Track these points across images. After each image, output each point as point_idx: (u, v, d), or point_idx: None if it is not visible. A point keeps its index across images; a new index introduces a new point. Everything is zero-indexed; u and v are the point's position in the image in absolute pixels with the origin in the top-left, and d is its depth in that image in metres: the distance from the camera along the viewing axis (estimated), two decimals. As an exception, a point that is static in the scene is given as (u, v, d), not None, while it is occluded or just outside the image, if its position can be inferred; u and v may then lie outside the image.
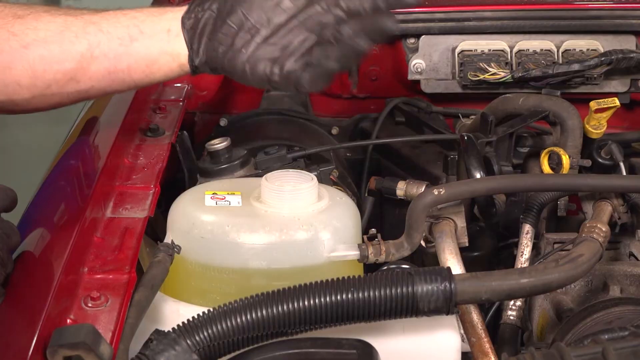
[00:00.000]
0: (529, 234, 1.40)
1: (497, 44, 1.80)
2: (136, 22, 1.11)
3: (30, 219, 1.20)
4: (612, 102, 1.48)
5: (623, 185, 1.33)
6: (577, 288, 1.38)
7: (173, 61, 1.12)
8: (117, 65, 1.11)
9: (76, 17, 1.11)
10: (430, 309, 1.03)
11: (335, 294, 1.01)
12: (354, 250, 1.23)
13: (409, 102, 1.92)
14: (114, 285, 1.04)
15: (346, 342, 1.02)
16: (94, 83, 1.12)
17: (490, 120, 1.52)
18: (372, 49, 1.08)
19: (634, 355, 0.92)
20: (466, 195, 1.27)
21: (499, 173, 1.45)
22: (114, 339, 0.96)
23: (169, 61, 1.12)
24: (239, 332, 0.99)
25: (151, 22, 1.11)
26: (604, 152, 1.49)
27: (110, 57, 1.10)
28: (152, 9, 1.14)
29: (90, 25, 1.10)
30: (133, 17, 1.12)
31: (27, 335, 0.91)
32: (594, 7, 1.83)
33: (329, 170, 1.53)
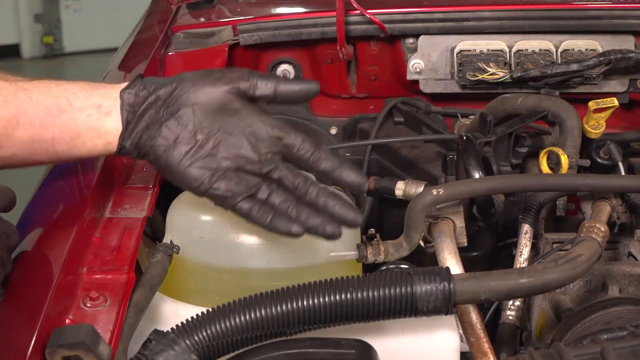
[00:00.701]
0: (528, 234, 1.41)
1: (496, 44, 1.80)
2: (66, 94, 1.09)
3: (29, 219, 1.20)
4: (611, 102, 1.48)
5: (622, 185, 1.33)
6: (576, 288, 1.38)
7: (99, 137, 1.09)
8: (42, 135, 1.08)
9: (10, 82, 1.09)
10: (429, 309, 1.03)
11: (334, 294, 1.01)
12: (353, 250, 1.23)
13: (408, 102, 1.92)
14: (112, 286, 1.04)
15: (345, 342, 1.02)
16: (16, 150, 1.08)
17: (489, 120, 1.52)
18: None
19: (633, 355, 0.92)
20: (465, 195, 1.27)
21: (498, 173, 1.45)
22: (113, 339, 0.96)
23: (94, 137, 1.09)
24: (238, 332, 0.99)
25: (82, 95, 1.09)
26: (603, 152, 1.49)
27: (35, 125, 1.07)
28: (86, 83, 1.11)
29: (21, 92, 1.08)
30: (64, 89, 1.09)
31: (26, 335, 0.91)
32: (593, 7, 1.83)
33: (328, 170, 1.53)
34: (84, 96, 1.09)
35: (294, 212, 1.08)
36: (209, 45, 1.78)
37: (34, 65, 7.47)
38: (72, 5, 7.69)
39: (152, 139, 1.08)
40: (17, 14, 7.50)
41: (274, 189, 1.09)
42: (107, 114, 1.09)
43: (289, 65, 1.95)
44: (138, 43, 1.92)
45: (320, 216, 1.08)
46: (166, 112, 1.09)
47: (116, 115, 1.09)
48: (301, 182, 1.09)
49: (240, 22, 1.83)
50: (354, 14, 1.80)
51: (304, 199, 1.09)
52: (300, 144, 1.09)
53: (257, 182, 1.09)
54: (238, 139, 1.08)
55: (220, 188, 1.08)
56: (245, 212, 1.08)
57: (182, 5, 2.03)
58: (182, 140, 1.08)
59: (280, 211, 1.08)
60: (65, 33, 7.67)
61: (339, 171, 1.10)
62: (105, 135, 1.09)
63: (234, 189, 1.08)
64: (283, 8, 1.96)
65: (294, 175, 1.10)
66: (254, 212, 1.08)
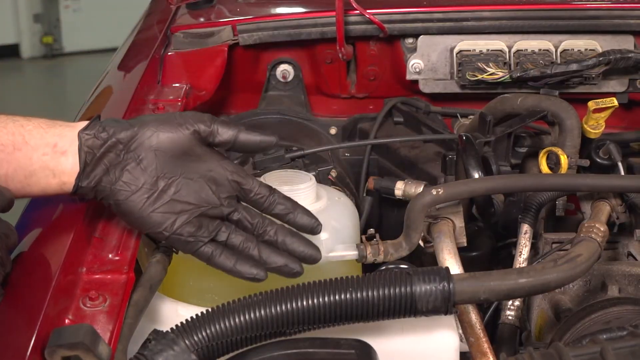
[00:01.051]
0: (527, 234, 1.41)
1: (495, 44, 1.80)
2: (22, 131, 1.07)
3: (28, 219, 1.19)
4: (610, 102, 1.48)
5: (621, 185, 1.33)
6: (576, 288, 1.38)
7: (53, 177, 1.08)
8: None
9: None
10: (429, 309, 1.03)
11: (334, 294, 1.01)
12: (352, 250, 1.23)
13: (408, 102, 1.92)
14: (112, 286, 1.04)
15: (345, 342, 1.02)
16: None
17: (488, 120, 1.52)
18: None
19: (632, 355, 0.92)
20: (464, 195, 1.27)
21: (498, 173, 1.45)
22: (113, 339, 0.96)
23: (48, 176, 1.08)
24: (238, 332, 0.99)
25: (38, 133, 1.08)
26: (602, 152, 1.49)
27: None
28: (43, 121, 1.10)
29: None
30: (21, 126, 1.08)
31: (26, 335, 0.91)
32: (592, 7, 1.83)
33: (328, 170, 1.53)
34: (40, 134, 1.08)
35: (255, 252, 1.11)
36: (209, 46, 1.78)
37: (33, 65, 7.47)
38: (72, 5, 7.69)
39: (112, 184, 1.08)
40: (17, 14, 7.50)
41: (233, 230, 1.11)
42: (62, 154, 1.08)
43: (289, 65, 1.95)
44: (137, 43, 1.92)
45: (282, 256, 1.11)
46: (127, 156, 1.08)
47: (72, 155, 1.08)
48: (259, 221, 1.12)
49: (240, 22, 1.83)
50: (353, 14, 1.80)
51: (263, 238, 1.12)
52: (257, 189, 1.12)
53: (217, 225, 1.11)
54: (199, 183, 1.10)
55: (184, 233, 1.09)
56: (206, 256, 1.10)
57: (181, 5, 2.03)
58: (144, 185, 1.08)
59: (242, 253, 1.11)
60: (64, 33, 7.67)
61: (292, 215, 1.13)
62: (60, 175, 1.08)
63: (196, 234, 1.09)
64: (282, 8, 1.96)
65: (252, 216, 1.12)
66: (217, 257, 1.10)
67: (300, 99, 1.96)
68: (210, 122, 1.11)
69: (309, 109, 1.98)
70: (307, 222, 1.14)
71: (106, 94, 1.67)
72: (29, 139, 1.08)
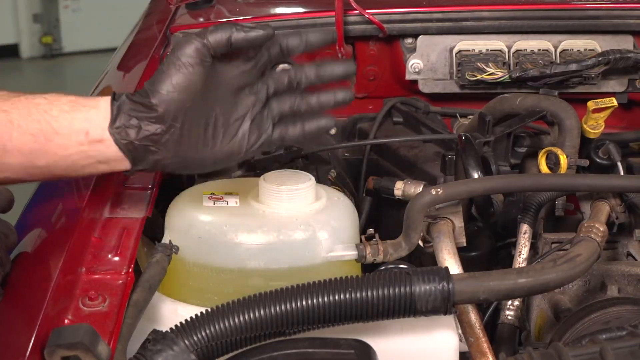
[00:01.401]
0: (526, 234, 1.41)
1: (494, 44, 1.80)
2: (48, 118, 1.05)
3: (28, 219, 1.20)
4: (610, 102, 1.48)
5: (621, 185, 1.33)
6: (575, 288, 1.38)
7: (100, 164, 1.07)
8: (35, 162, 1.05)
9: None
10: (428, 309, 1.03)
11: (333, 294, 1.01)
12: (351, 250, 1.23)
13: (407, 102, 1.92)
14: (111, 286, 1.04)
15: (344, 342, 1.02)
16: (10, 174, 1.06)
17: (488, 120, 1.52)
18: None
19: (632, 355, 0.92)
20: (464, 195, 1.27)
21: (497, 173, 1.45)
22: (112, 339, 0.96)
23: (92, 164, 1.07)
24: (237, 332, 0.99)
25: (64, 120, 1.05)
26: (602, 152, 1.49)
27: (25, 153, 1.04)
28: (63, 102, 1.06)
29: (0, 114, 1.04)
30: (44, 112, 1.05)
31: (25, 335, 0.91)
32: (592, 7, 1.83)
33: (327, 170, 1.53)
34: (67, 121, 1.05)
35: (304, 105, 1.17)
36: (208, 45, 1.78)
37: (33, 65, 7.47)
38: (71, 5, 7.69)
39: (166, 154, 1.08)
40: (16, 14, 7.50)
41: (281, 99, 1.16)
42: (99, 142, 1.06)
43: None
44: (137, 43, 1.92)
45: (327, 92, 1.18)
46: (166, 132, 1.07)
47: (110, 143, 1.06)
48: (293, 76, 1.17)
49: (239, 22, 1.82)
50: (352, 14, 1.80)
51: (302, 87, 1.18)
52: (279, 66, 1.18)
53: (267, 108, 1.15)
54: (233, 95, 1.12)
55: (252, 141, 1.13)
56: (281, 139, 1.16)
57: (181, 6, 2.03)
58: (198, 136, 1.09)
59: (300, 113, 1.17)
60: (64, 33, 7.67)
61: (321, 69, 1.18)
62: (107, 161, 1.07)
63: (261, 133, 1.14)
64: (282, 8, 1.96)
65: (283, 79, 1.17)
66: (288, 133, 1.16)
67: (299, 99, 1.96)
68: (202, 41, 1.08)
69: (309, 109, 1.97)
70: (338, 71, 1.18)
71: (106, 94, 1.67)
72: (58, 128, 1.05)
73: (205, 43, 1.08)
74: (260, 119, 1.14)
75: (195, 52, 1.07)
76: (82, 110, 1.06)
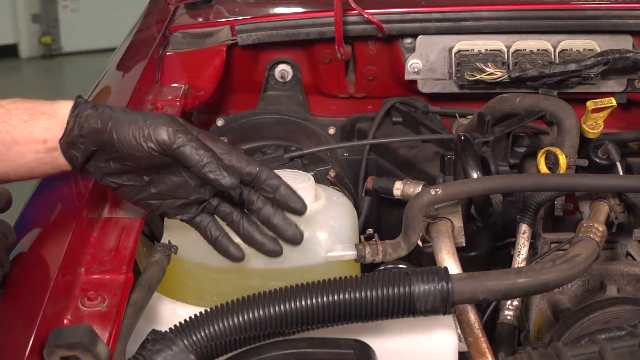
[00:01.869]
0: (526, 234, 1.41)
1: (494, 44, 1.80)
2: (7, 128, 1.07)
3: (27, 220, 1.19)
4: (609, 102, 1.48)
5: (620, 185, 1.33)
6: (574, 288, 1.38)
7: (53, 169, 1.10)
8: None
9: None
10: (428, 309, 1.03)
11: (333, 294, 1.01)
12: (351, 250, 1.23)
13: (406, 102, 1.92)
14: (111, 286, 1.04)
15: (343, 342, 1.02)
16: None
17: (487, 120, 1.52)
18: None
19: (631, 355, 0.92)
20: (463, 195, 1.27)
21: (496, 173, 1.46)
22: (111, 339, 0.96)
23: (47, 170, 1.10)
24: (236, 332, 0.99)
25: (24, 129, 1.08)
26: (601, 152, 1.50)
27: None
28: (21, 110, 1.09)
29: None
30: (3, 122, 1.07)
31: (24, 336, 0.91)
32: (591, 7, 1.83)
33: (326, 170, 1.53)
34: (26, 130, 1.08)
35: (239, 226, 1.12)
36: (207, 46, 1.78)
37: (32, 65, 7.47)
38: (70, 5, 7.68)
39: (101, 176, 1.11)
40: (15, 14, 7.49)
41: (220, 202, 1.13)
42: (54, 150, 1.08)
43: (287, 65, 1.95)
44: (136, 43, 1.92)
45: (262, 234, 1.12)
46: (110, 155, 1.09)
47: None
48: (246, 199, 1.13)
49: (238, 22, 1.83)
50: (352, 13, 1.80)
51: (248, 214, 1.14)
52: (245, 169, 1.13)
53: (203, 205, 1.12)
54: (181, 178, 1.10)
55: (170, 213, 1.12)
56: (196, 224, 1.13)
57: (180, 5, 2.03)
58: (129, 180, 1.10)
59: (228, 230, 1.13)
60: (63, 33, 7.66)
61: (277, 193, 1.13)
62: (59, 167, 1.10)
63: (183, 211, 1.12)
64: (281, 8, 1.96)
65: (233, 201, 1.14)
66: (205, 227, 1.12)
67: (298, 99, 1.96)
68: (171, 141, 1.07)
69: (308, 109, 1.98)
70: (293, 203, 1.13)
71: (105, 94, 1.67)
72: (17, 137, 1.08)
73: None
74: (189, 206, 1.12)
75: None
76: (40, 119, 1.09)
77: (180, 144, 1.05)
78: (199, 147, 1.05)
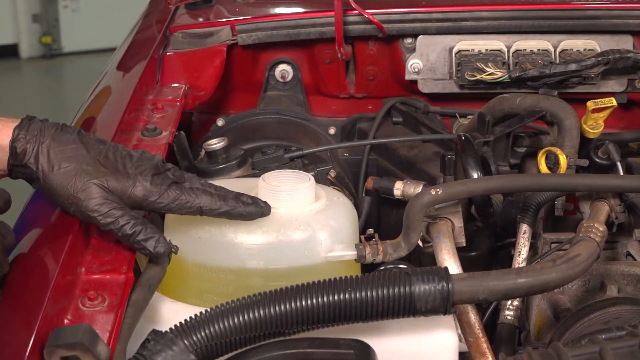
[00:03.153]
0: (526, 234, 1.41)
1: (494, 44, 1.80)
2: None
3: (27, 220, 1.19)
4: (609, 102, 1.48)
5: (620, 185, 1.33)
6: (575, 288, 1.38)
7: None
8: None
9: None
10: (428, 309, 1.03)
11: (333, 294, 1.01)
12: (351, 250, 1.23)
13: (407, 102, 1.92)
14: (111, 286, 1.04)
15: (344, 342, 1.02)
16: None
17: (487, 120, 1.52)
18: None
19: (631, 355, 0.92)
20: (463, 195, 1.27)
21: (496, 173, 1.45)
22: (111, 339, 0.96)
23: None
24: (237, 332, 0.99)
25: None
26: (601, 152, 1.49)
27: None
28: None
29: None
30: None
31: (25, 336, 0.91)
32: (591, 7, 1.83)
33: (327, 170, 1.53)
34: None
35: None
36: (208, 46, 1.78)
37: (32, 65, 7.46)
38: (70, 5, 7.68)
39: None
40: (15, 14, 7.49)
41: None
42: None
43: (288, 65, 1.95)
44: (136, 43, 1.92)
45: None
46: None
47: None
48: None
49: (239, 22, 1.83)
50: (352, 13, 1.80)
51: None
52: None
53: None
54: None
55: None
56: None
57: (180, 5, 2.03)
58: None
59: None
60: (63, 33, 7.66)
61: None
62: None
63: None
64: (281, 8, 1.96)
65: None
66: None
67: (299, 99, 1.96)
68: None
69: (308, 109, 1.98)
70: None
71: (105, 94, 1.67)
72: None
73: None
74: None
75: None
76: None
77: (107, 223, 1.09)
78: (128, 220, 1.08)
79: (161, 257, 1.10)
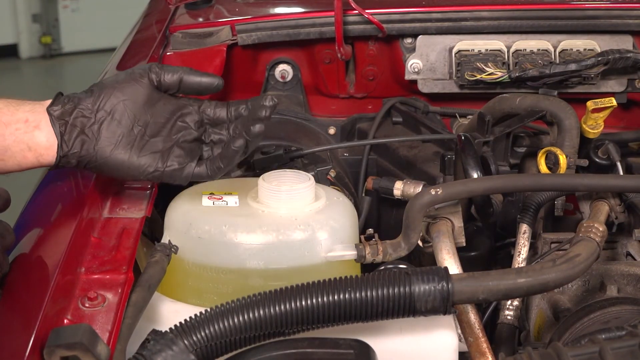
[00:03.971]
0: (526, 234, 1.41)
1: (494, 44, 1.80)
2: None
3: (27, 219, 1.20)
4: (609, 102, 1.48)
5: (620, 185, 1.33)
6: (574, 288, 1.38)
7: (29, 150, 1.12)
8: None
9: None
10: (428, 309, 1.03)
11: (333, 294, 1.01)
12: (351, 250, 1.23)
13: (406, 102, 1.92)
14: (111, 286, 1.04)
15: (343, 342, 1.02)
16: None
17: (487, 120, 1.52)
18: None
19: (631, 354, 0.92)
20: (463, 195, 1.27)
21: (496, 173, 1.45)
22: (111, 339, 0.96)
23: (23, 150, 1.12)
24: (236, 332, 0.99)
25: (8, 110, 1.12)
26: (601, 152, 1.49)
27: None
28: (11, 100, 1.15)
29: None
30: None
31: (24, 336, 0.91)
32: (591, 7, 1.83)
33: (326, 170, 1.53)
34: (10, 111, 1.12)
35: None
36: (207, 45, 1.78)
37: (32, 65, 7.47)
38: (70, 5, 7.68)
39: (94, 144, 1.13)
40: (15, 14, 7.49)
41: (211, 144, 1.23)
42: (35, 127, 1.12)
43: (287, 65, 1.95)
44: (136, 43, 1.92)
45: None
46: (98, 115, 1.14)
47: (46, 129, 1.12)
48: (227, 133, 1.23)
49: (239, 22, 1.83)
50: (352, 13, 1.80)
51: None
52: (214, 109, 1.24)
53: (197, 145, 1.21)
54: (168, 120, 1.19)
55: (175, 163, 1.17)
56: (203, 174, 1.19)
57: (180, 5, 2.03)
58: (123, 136, 1.15)
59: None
60: (63, 33, 7.66)
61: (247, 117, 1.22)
62: (35, 148, 1.12)
63: (184, 160, 1.18)
64: (281, 8, 1.96)
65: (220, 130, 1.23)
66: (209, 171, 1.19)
67: (298, 99, 1.96)
68: (158, 69, 1.20)
69: (308, 109, 1.98)
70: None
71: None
72: (0, 116, 1.11)
73: (161, 74, 1.20)
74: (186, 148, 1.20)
75: (145, 72, 1.18)
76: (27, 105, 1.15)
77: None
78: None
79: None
